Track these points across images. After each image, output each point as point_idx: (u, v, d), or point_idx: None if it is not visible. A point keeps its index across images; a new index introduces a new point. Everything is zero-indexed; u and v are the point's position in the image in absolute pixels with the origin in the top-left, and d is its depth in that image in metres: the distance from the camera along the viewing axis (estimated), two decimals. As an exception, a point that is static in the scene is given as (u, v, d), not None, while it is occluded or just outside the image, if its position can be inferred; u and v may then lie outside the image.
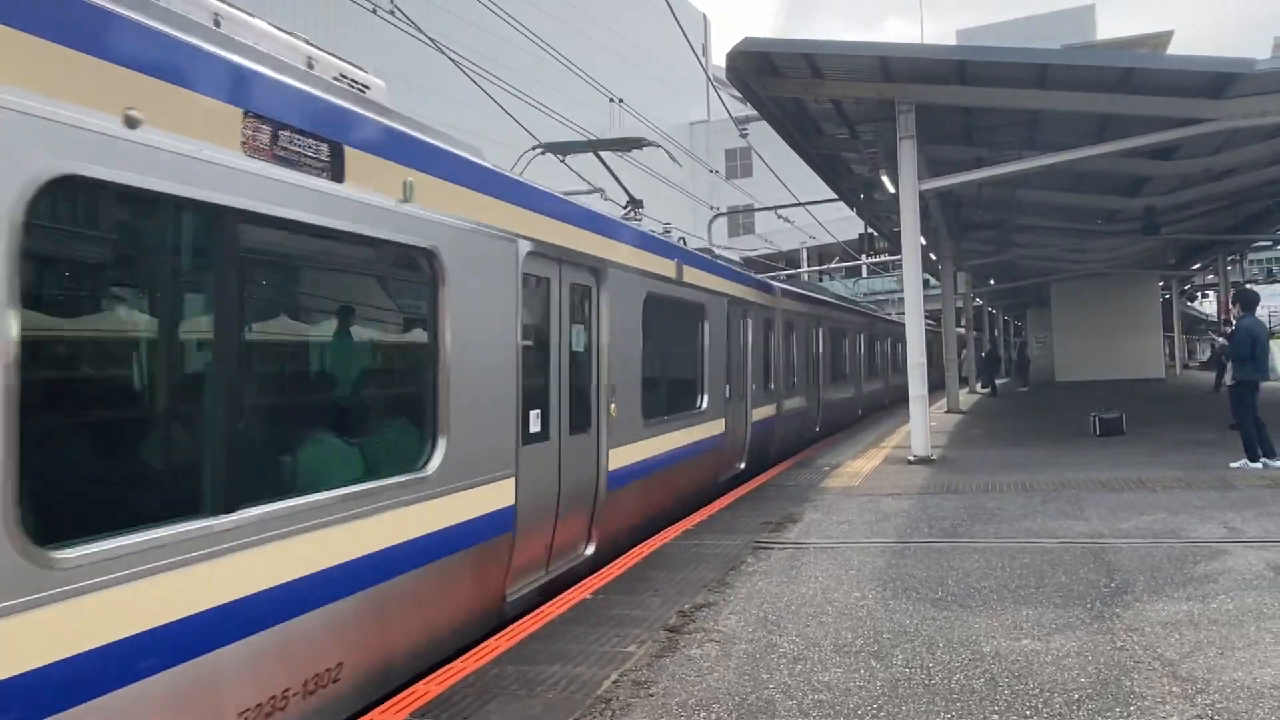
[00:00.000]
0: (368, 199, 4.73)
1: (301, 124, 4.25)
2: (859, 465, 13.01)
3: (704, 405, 10.79)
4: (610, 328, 7.88)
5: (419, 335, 5.47)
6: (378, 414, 5.46)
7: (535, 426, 6.62)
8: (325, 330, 4.97)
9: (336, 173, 4.47)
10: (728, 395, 11.82)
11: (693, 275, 10.43)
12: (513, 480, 6.16)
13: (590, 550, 7.69)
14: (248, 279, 4.10)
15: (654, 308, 9.18)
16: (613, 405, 7.85)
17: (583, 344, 7.58)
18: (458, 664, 5.05)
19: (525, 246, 6.43)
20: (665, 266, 9.53)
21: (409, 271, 5.44)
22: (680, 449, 9.84)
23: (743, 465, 12.79)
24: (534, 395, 6.62)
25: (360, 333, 5.22)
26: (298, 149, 4.21)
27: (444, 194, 5.50)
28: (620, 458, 8.04)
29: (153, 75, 3.49)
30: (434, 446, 5.36)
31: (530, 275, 6.58)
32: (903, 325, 28.13)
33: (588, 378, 7.64)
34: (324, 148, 4.42)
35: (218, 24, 4.34)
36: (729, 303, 11.90)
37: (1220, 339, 17.77)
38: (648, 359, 8.93)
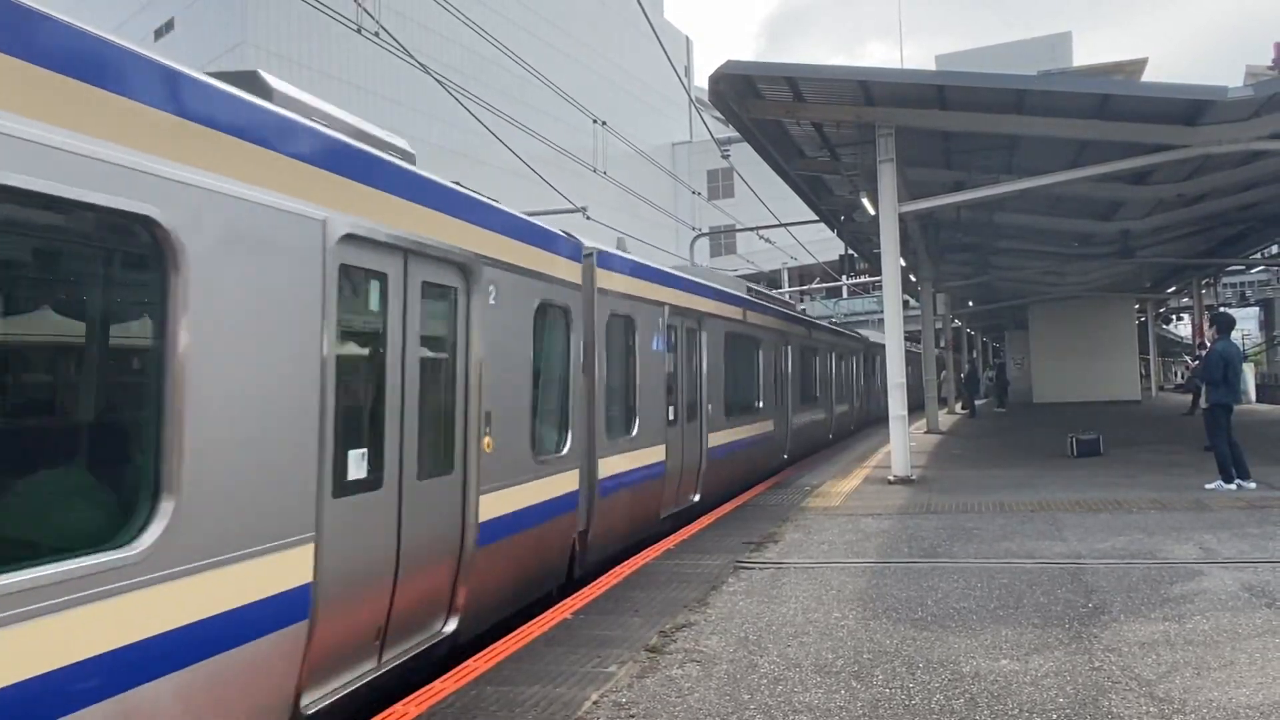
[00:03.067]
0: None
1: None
2: (839, 485, 13.05)
3: (635, 431, 9.38)
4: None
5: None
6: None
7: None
8: None
9: None
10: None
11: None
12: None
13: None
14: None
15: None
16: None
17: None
18: (437, 685, 5.01)
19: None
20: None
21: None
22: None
23: (696, 497, 11.53)
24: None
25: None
26: None
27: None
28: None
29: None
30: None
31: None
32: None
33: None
34: None
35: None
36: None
37: (1194, 361, 17.99)
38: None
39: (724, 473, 12.57)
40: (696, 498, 11.46)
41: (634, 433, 9.32)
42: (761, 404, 14.96)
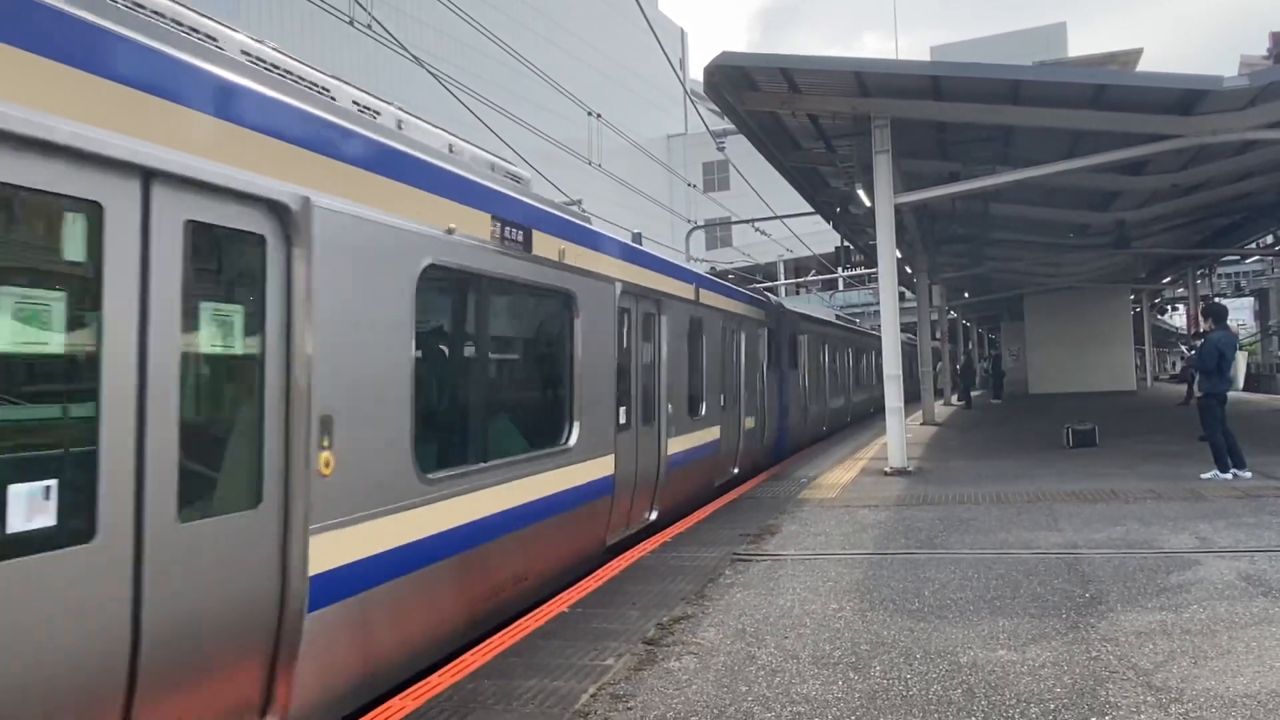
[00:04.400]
0: None
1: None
2: (836, 477, 13.06)
3: (571, 441, 7.50)
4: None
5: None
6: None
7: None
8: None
9: None
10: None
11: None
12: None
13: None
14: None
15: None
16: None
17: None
18: (434, 679, 5.01)
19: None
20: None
21: None
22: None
23: (653, 515, 9.76)
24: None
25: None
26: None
27: None
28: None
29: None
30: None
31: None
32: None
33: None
34: None
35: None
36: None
37: (1189, 351, 18.00)
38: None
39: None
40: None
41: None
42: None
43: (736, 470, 13.29)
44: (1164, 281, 39.00)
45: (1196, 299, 31.08)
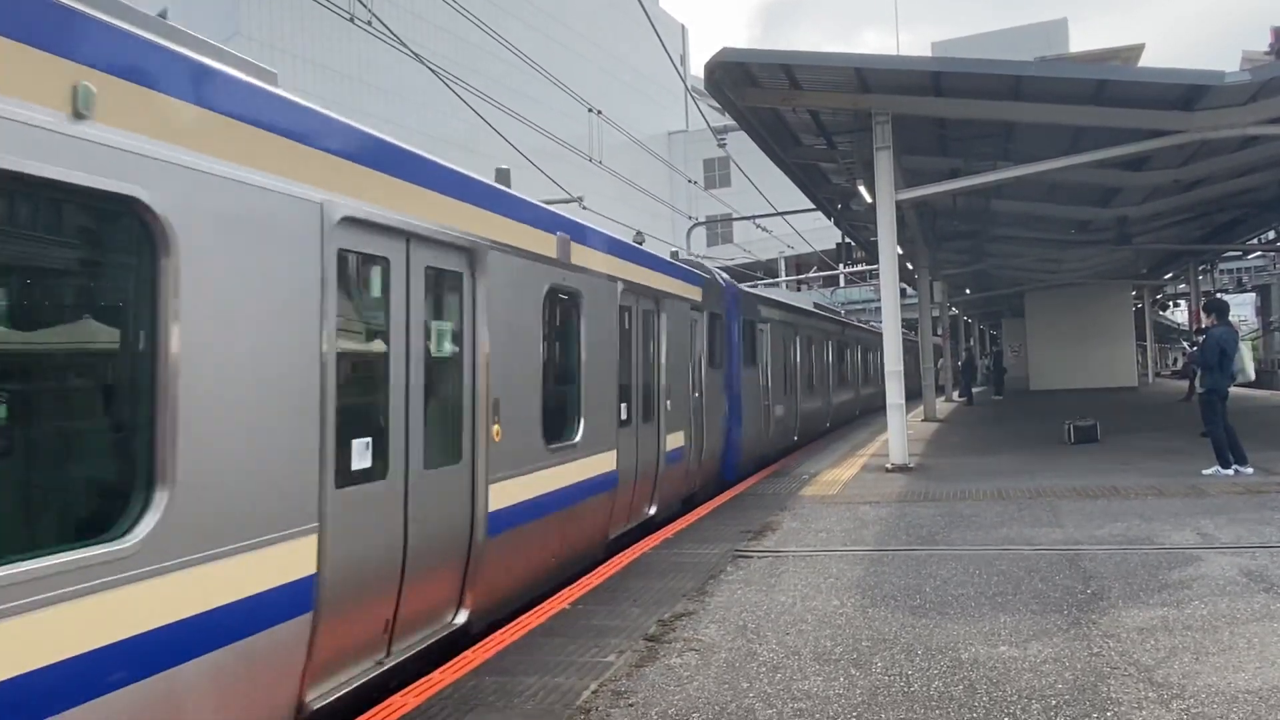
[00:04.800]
0: None
1: None
2: (837, 473, 13.06)
3: (464, 453, 6.06)
4: None
5: None
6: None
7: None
8: None
9: None
10: (609, 424, 8.35)
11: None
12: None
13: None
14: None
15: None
16: None
17: None
18: (435, 676, 5.01)
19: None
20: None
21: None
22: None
23: (640, 520, 9.21)
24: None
25: None
26: None
27: None
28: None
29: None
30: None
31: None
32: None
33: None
34: None
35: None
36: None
37: (1191, 347, 17.98)
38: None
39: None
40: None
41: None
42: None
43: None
44: (1165, 277, 38.98)
45: (1198, 295, 31.06)
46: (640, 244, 10.31)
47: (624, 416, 8.93)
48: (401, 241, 5.35)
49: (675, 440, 10.54)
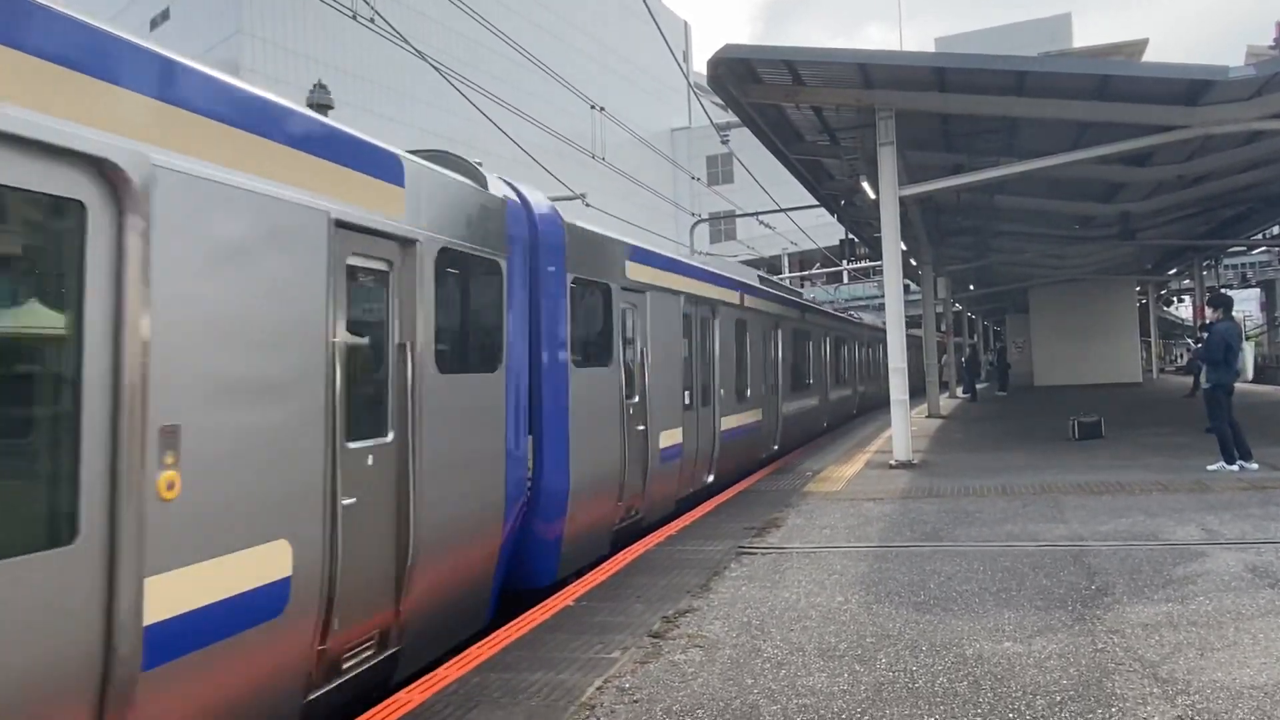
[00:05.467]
0: None
1: None
2: (841, 470, 13.05)
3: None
4: None
5: None
6: None
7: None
8: None
9: None
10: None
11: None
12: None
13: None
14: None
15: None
16: None
17: None
18: (440, 672, 5.02)
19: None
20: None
21: None
22: None
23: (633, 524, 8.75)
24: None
25: None
26: None
27: None
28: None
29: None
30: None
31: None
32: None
33: None
34: None
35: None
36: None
37: (1196, 343, 17.94)
38: None
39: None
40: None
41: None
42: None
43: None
44: (1170, 273, 38.88)
45: (1203, 290, 30.98)
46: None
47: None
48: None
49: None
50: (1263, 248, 39.32)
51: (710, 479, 11.85)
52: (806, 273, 50.73)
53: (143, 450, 3.51)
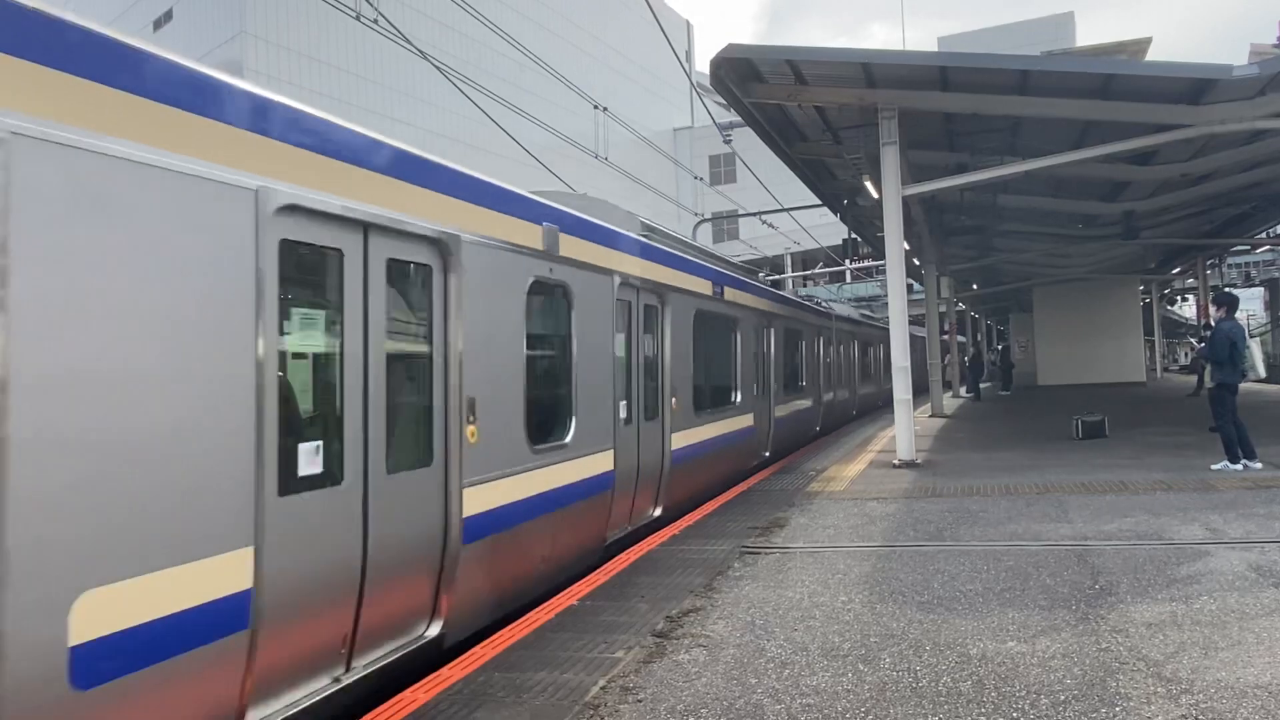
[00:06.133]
0: None
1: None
2: (844, 469, 13.05)
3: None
4: None
5: None
6: None
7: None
8: None
9: None
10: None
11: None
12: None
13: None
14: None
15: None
16: None
17: None
18: (444, 671, 5.03)
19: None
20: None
21: None
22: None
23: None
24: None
25: None
26: None
27: None
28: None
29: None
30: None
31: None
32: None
33: None
34: None
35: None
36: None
37: (1199, 342, 17.92)
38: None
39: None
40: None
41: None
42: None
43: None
44: (1173, 272, 38.79)
45: (1206, 289, 30.92)
46: None
47: None
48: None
49: None
50: (1266, 246, 39.23)
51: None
52: (809, 272, 50.69)
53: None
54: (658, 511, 9.70)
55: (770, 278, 37.40)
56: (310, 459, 4.64)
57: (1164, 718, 4.02)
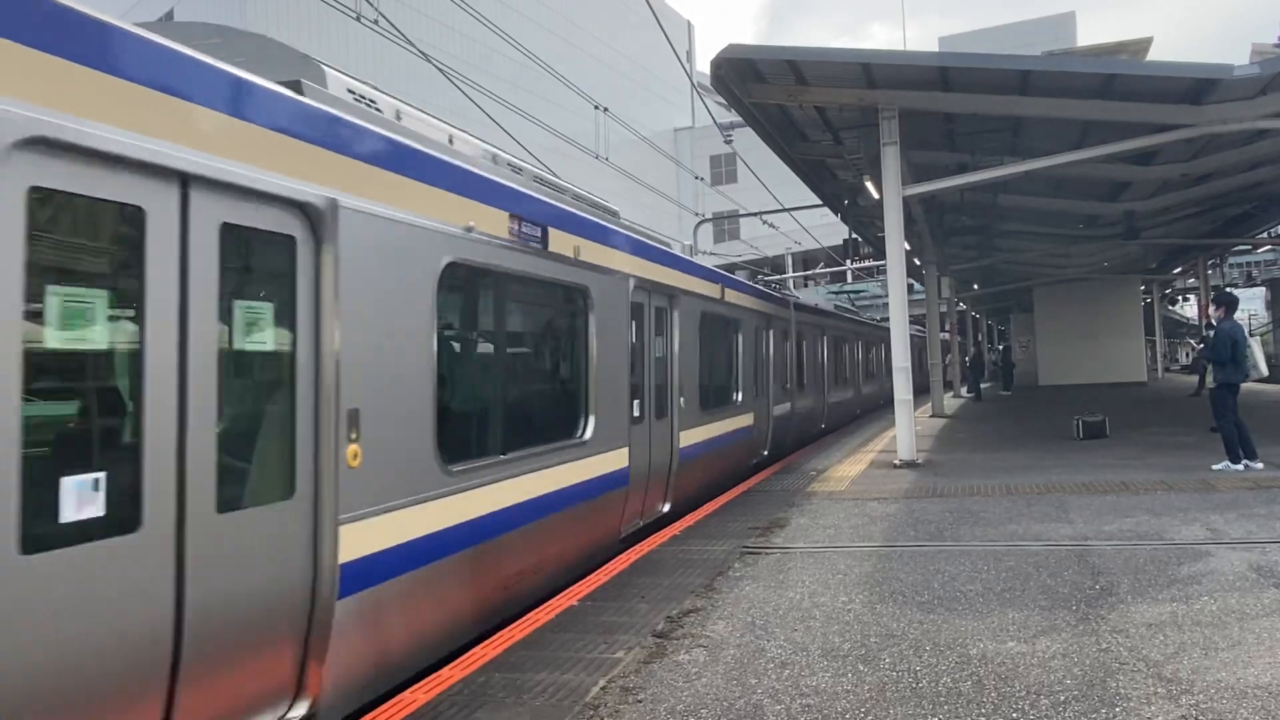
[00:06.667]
0: None
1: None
2: (845, 470, 13.05)
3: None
4: None
5: None
6: None
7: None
8: None
9: None
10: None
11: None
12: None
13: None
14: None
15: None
16: None
17: None
18: (445, 672, 5.03)
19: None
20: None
21: None
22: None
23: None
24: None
25: None
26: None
27: None
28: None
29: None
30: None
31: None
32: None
33: None
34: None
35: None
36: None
37: (1200, 342, 17.92)
38: None
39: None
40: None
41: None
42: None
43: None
44: (1174, 272, 38.78)
45: (1208, 289, 30.90)
46: None
47: None
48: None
49: None
50: (1268, 246, 39.18)
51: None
52: (810, 272, 50.69)
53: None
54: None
55: (770, 278, 37.41)
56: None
57: (1164, 718, 4.02)
